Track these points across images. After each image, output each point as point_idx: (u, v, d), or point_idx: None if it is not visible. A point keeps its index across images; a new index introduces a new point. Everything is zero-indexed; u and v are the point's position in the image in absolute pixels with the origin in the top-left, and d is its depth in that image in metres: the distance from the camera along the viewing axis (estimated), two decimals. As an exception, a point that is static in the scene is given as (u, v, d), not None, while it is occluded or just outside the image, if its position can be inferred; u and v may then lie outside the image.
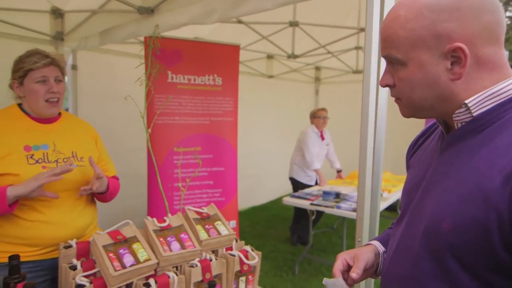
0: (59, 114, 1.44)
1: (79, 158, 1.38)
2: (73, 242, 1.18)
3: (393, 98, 0.79)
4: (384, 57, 0.74)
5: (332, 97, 5.99)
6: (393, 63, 0.72)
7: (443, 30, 0.64)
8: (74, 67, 3.24)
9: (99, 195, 1.44)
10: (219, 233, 1.36)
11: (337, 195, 3.09)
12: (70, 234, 1.30)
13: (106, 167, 1.54)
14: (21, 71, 1.29)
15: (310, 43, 3.68)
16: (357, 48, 4.12)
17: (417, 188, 0.77)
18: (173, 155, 2.93)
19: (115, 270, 1.04)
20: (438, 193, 0.69)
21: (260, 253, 1.37)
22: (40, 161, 1.27)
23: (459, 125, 0.70)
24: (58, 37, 3.02)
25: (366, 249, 0.89)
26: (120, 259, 1.09)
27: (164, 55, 2.72)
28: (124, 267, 1.07)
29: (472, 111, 0.67)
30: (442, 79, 0.67)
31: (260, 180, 5.39)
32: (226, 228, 1.40)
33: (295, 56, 3.41)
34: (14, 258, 1.05)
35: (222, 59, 3.07)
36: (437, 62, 0.67)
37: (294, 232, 3.93)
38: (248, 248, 1.38)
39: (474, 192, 0.61)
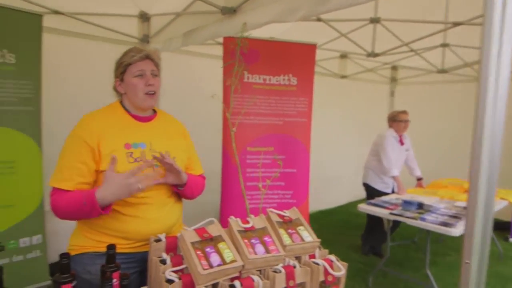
0: (155, 112, 1.49)
1: (172, 159, 1.40)
2: (162, 236, 1.21)
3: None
4: None
5: (410, 99, 5.56)
6: None
7: None
8: (157, 67, 3.45)
9: (180, 192, 1.45)
10: (302, 239, 1.30)
11: (420, 206, 2.83)
12: (159, 230, 1.33)
13: (192, 166, 1.56)
14: (121, 66, 1.36)
15: (391, 40, 3.44)
16: (444, 45, 3.75)
17: None
18: (246, 154, 2.94)
19: (203, 269, 1.03)
20: None
21: (346, 264, 1.28)
22: (138, 159, 1.31)
23: None
24: (145, 39, 3.22)
25: None
26: (207, 257, 1.09)
27: (242, 55, 2.73)
28: (211, 266, 1.06)
29: None
30: None
31: (329, 184, 5.21)
32: (309, 234, 1.33)
33: (375, 55, 3.21)
34: (111, 247, 1.10)
35: (298, 58, 3.00)
36: None
37: (367, 241, 3.71)
38: (333, 257, 1.29)
39: None
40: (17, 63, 2.42)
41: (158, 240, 1.20)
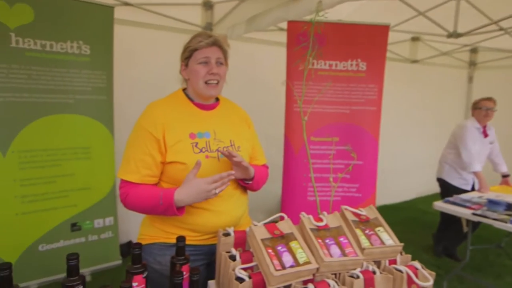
0: (218, 100, 1.44)
1: (237, 147, 1.35)
2: (231, 230, 1.16)
3: None
4: None
5: (492, 85, 4.94)
6: None
7: None
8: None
9: (246, 184, 1.39)
10: (382, 241, 1.16)
11: (509, 207, 2.48)
12: (227, 222, 1.29)
13: (256, 155, 1.49)
14: (187, 51, 1.31)
15: (474, 18, 3.02)
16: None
17: None
18: (309, 144, 2.82)
19: (276, 269, 0.95)
20: None
21: (434, 273, 1.12)
22: (203, 150, 1.27)
23: None
24: (208, 27, 3.21)
25: None
26: (279, 257, 1.01)
27: (307, 40, 2.60)
28: (283, 267, 0.98)
29: None
30: None
31: (395, 177, 4.87)
32: (390, 237, 1.19)
33: (458, 35, 2.84)
34: (180, 239, 1.07)
35: (368, 42, 2.77)
36: None
37: (440, 242, 3.39)
38: (418, 264, 1.14)
39: None
40: (91, 54, 2.54)
41: (227, 234, 1.15)
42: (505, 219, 2.30)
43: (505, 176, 3.33)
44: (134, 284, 0.97)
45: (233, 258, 1.06)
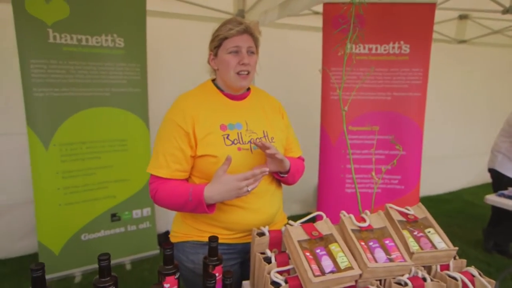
0: (248, 89, 1.36)
1: (270, 138, 1.27)
2: (265, 230, 1.09)
3: None
4: None
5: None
6: None
7: None
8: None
9: (281, 178, 1.31)
10: (433, 245, 1.05)
11: None
12: (262, 220, 1.24)
13: (291, 146, 1.41)
14: (216, 40, 1.23)
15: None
16: None
17: None
18: (347, 134, 2.68)
19: (315, 275, 0.88)
20: None
21: (493, 282, 0.99)
22: (235, 142, 1.21)
23: None
24: (240, 14, 3.12)
25: None
26: (318, 261, 0.93)
27: (347, 22, 2.44)
28: (323, 272, 0.90)
29: None
30: None
31: (440, 166, 4.58)
32: (442, 239, 1.07)
33: (516, 10, 2.55)
34: (213, 239, 1.02)
35: (412, 22, 2.56)
36: None
37: (491, 237, 3.15)
38: (474, 271, 1.02)
39: None
40: (125, 46, 2.55)
41: (261, 234, 1.08)
42: None
43: None
44: (166, 285, 0.94)
45: (268, 260, 1.00)
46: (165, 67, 3.06)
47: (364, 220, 1.08)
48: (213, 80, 1.33)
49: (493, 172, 3.08)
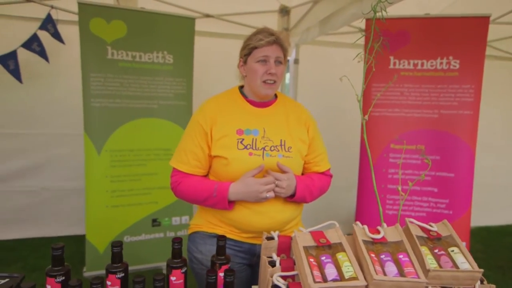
0: (275, 97, 1.40)
1: (287, 148, 1.29)
2: (275, 234, 1.09)
3: None
4: None
5: None
6: None
7: None
8: (296, 61, 3.38)
9: (289, 199, 1.32)
10: (455, 264, 0.96)
11: None
12: (267, 224, 1.25)
13: (316, 160, 1.41)
14: (246, 48, 1.30)
15: None
16: None
17: None
18: (389, 152, 2.57)
19: (315, 281, 0.86)
20: None
21: (526, 312, 0.88)
22: (248, 147, 1.25)
23: None
24: (284, 33, 3.20)
25: None
26: (321, 268, 0.91)
27: (387, 35, 2.39)
28: (325, 279, 0.88)
29: None
30: None
31: (500, 194, 4.15)
32: (466, 260, 0.98)
33: None
34: (221, 238, 1.05)
35: (462, 36, 2.43)
36: None
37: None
38: (503, 298, 0.91)
39: None
40: (174, 62, 2.75)
41: (271, 238, 1.09)
42: None
43: None
44: (173, 278, 0.97)
45: (273, 264, 0.99)
46: (209, 83, 3.22)
47: (378, 232, 1.03)
48: (241, 87, 1.40)
49: None
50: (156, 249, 2.81)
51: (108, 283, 0.92)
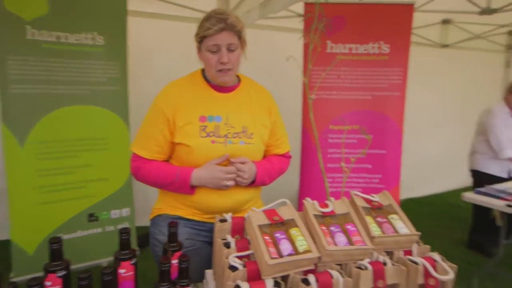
0: (239, 81, 1.37)
1: (249, 134, 1.29)
2: (228, 216, 1.08)
3: None
4: None
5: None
6: None
7: None
8: (236, 44, 3.34)
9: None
10: (395, 230, 1.05)
11: (550, 198, 2.25)
12: (228, 204, 1.28)
13: (278, 143, 1.43)
14: (197, 37, 1.25)
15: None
16: None
17: None
18: (328, 133, 2.69)
19: (271, 258, 0.87)
20: None
21: (455, 266, 0.99)
22: (211, 134, 1.25)
23: None
24: (223, 15, 3.14)
25: None
26: (276, 244, 0.92)
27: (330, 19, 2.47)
28: (281, 255, 0.89)
29: None
30: None
31: (424, 169, 4.62)
32: (405, 225, 1.07)
33: (491, 11, 2.60)
34: (173, 225, 1.01)
35: (391, 22, 2.60)
36: None
37: (473, 237, 3.17)
38: (437, 256, 1.02)
39: None
40: (105, 44, 2.54)
41: (224, 220, 1.07)
42: (546, 211, 2.08)
43: None
44: (121, 271, 0.92)
45: (228, 245, 0.98)
46: (147, 66, 3.05)
47: (327, 206, 1.07)
48: (203, 70, 1.34)
49: (473, 172, 3.12)
50: (94, 246, 2.63)
51: (48, 283, 0.83)
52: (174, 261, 0.96)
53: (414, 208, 4.30)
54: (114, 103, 2.63)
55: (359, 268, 0.94)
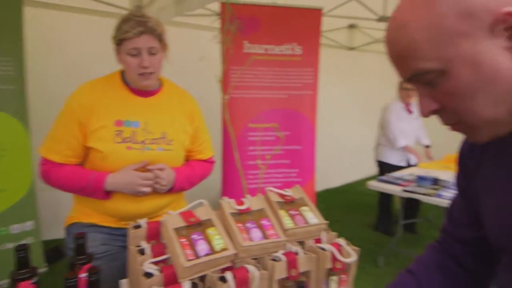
0: (161, 85, 1.32)
1: (168, 141, 1.26)
2: (142, 222, 1.04)
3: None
4: (411, 80, 0.54)
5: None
6: (427, 80, 0.52)
7: (474, 5, 0.46)
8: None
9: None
10: (306, 221, 1.12)
11: (435, 181, 2.64)
12: (143, 210, 1.24)
13: (200, 148, 1.42)
14: (115, 40, 1.18)
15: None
16: None
17: None
18: (248, 131, 2.76)
19: (187, 260, 0.86)
20: None
21: (358, 249, 1.11)
22: (127, 140, 1.19)
23: None
24: (137, 11, 2.99)
25: None
26: (193, 245, 0.92)
27: (240, 21, 2.51)
28: (197, 256, 0.90)
29: None
30: (506, 65, 0.47)
31: (337, 161, 5.02)
32: (314, 215, 1.16)
33: (386, 19, 2.94)
34: (80, 236, 0.94)
35: (303, 25, 2.76)
36: (486, 46, 0.47)
37: (379, 220, 3.57)
38: (342, 241, 1.12)
39: None
40: (-4, 38, 2.23)
41: (138, 226, 1.03)
42: (432, 193, 2.43)
43: (426, 147, 3.59)
44: (20, 292, 0.82)
45: (142, 252, 0.95)
46: (49, 64, 2.76)
47: (243, 204, 1.10)
48: (123, 72, 1.27)
49: (378, 162, 3.50)
50: (-8, 266, 2.31)
51: None
52: (83, 275, 0.90)
53: (329, 198, 4.65)
54: (9, 105, 2.32)
55: (274, 260, 0.99)
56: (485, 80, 0.47)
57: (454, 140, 0.99)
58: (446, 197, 2.36)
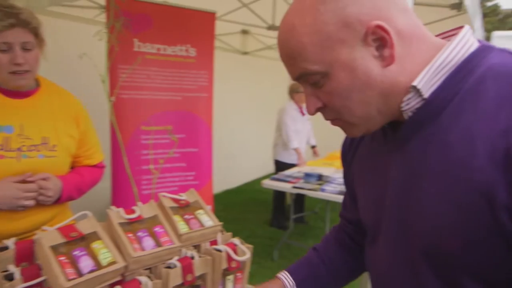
0: (38, 85, 1.16)
1: (51, 146, 1.13)
2: (10, 243, 0.89)
3: None
4: (298, 79, 0.60)
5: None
6: (313, 81, 0.58)
7: (350, 16, 0.52)
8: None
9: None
10: (201, 224, 1.12)
11: (320, 177, 2.93)
12: (24, 227, 1.10)
13: (88, 153, 1.31)
14: None
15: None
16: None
17: (381, 202, 0.65)
18: (140, 134, 2.62)
19: (68, 280, 0.78)
20: (422, 204, 0.55)
21: (251, 246, 1.16)
22: None
23: (410, 114, 0.57)
24: (0, -5, 2.55)
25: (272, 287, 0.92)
26: (75, 263, 0.83)
27: (129, 19, 2.37)
28: (80, 274, 0.81)
29: (423, 93, 0.54)
30: (375, 71, 0.54)
31: (234, 162, 5.17)
32: (210, 218, 1.16)
33: (276, 28, 3.15)
34: None
35: (197, 27, 2.75)
36: (360, 54, 0.54)
37: (274, 216, 3.79)
38: (237, 241, 1.15)
39: (468, 191, 0.48)
40: None
41: (4, 248, 0.88)
42: (316, 188, 2.70)
43: (313, 147, 4.00)
44: None
45: (10, 277, 0.82)
46: None
47: (133, 212, 1.05)
48: None
49: (275, 161, 3.73)
50: None
51: None
52: None
53: (228, 198, 4.75)
54: None
55: (168, 267, 0.96)
56: (359, 84, 0.55)
57: (335, 140, 1.13)
58: (328, 191, 2.65)
